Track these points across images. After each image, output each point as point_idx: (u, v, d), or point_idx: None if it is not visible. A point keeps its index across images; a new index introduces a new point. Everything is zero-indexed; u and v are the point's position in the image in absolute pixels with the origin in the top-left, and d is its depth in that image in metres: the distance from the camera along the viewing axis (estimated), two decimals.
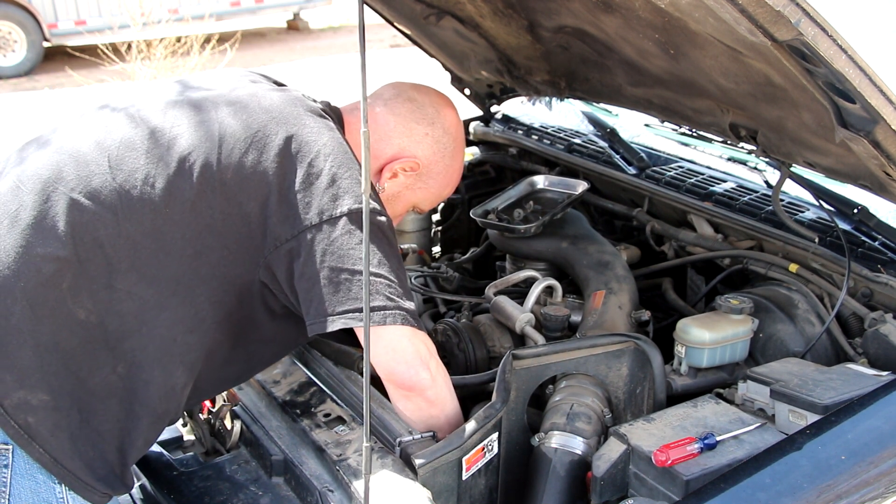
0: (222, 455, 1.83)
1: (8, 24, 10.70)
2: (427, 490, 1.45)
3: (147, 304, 1.50)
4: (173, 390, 1.56)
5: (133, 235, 1.49)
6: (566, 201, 2.44)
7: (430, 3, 2.45)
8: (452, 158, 1.83)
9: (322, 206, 1.48)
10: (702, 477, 1.46)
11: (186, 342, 1.54)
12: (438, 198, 1.89)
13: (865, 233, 2.09)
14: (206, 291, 1.53)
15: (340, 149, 1.55)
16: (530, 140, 3.01)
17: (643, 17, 1.76)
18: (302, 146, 1.53)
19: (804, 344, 1.97)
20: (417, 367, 1.53)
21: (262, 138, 1.53)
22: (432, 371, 1.57)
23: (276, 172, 1.50)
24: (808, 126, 1.79)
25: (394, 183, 1.77)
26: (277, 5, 13.19)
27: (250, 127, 1.55)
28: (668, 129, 2.85)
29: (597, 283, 2.15)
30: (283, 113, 1.58)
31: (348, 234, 1.47)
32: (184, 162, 1.51)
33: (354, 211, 1.48)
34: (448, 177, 1.85)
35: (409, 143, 1.76)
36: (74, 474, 1.50)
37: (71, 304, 1.47)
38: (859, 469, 1.48)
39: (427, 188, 1.83)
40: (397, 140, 1.75)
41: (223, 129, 1.55)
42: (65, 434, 1.49)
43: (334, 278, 1.46)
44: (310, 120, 1.58)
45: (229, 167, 1.51)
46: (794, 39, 1.39)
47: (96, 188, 1.50)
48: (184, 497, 1.70)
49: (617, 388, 1.86)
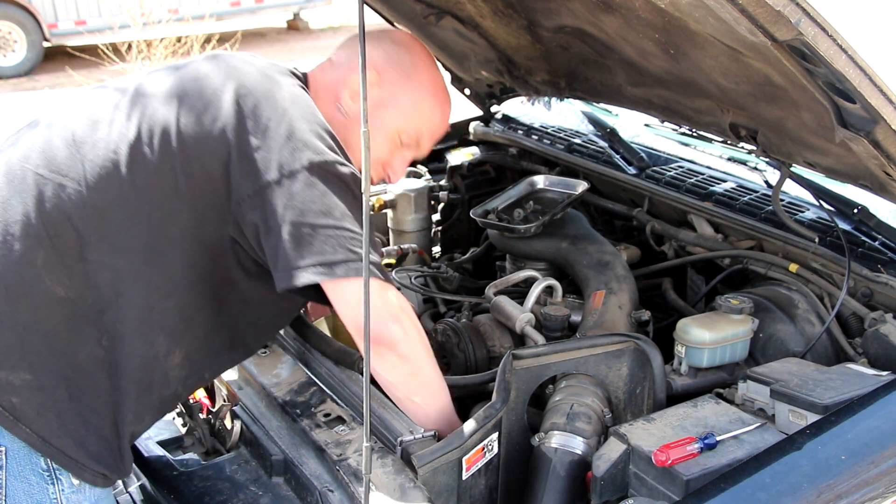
0: (222, 455, 1.83)
1: (8, 24, 10.70)
2: (427, 490, 1.45)
3: (120, 273, 1.49)
4: (156, 359, 1.55)
5: (100, 205, 1.49)
6: (566, 201, 2.44)
7: (430, 3, 2.45)
8: (414, 67, 1.73)
9: (281, 160, 1.46)
10: (702, 477, 1.46)
11: (164, 308, 1.53)
12: (420, 118, 1.74)
13: (865, 233, 2.09)
14: (178, 255, 1.52)
15: (299, 102, 1.53)
16: (530, 140, 3.01)
17: (643, 17, 1.76)
18: (259, 101, 1.51)
19: (804, 344, 1.97)
20: (386, 320, 1.49)
21: (219, 96, 1.52)
22: (404, 325, 1.52)
23: (235, 129, 1.49)
24: (808, 126, 1.79)
25: (357, 104, 1.69)
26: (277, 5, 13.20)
27: (208, 87, 1.54)
28: (668, 129, 2.85)
29: (597, 283, 2.15)
30: (241, 70, 1.57)
31: (309, 187, 1.45)
32: (144, 127, 1.52)
33: (315, 164, 1.46)
34: (418, 89, 1.73)
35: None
36: (64, 452, 1.50)
37: (48, 282, 1.47)
38: (859, 469, 1.48)
39: (398, 104, 1.72)
40: (347, 65, 1.72)
41: (182, 91, 1.55)
42: (51, 413, 1.48)
43: (296, 232, 1.44)
44: (268, 75, 1.57)
45: (188, 127, 1.51)
46: (794, 39, 1.39)
47: (60, 162, 1.51)
48: (184, 497, 1.70)
49: (617, 388, 1.86)
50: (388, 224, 2.81)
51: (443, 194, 2.93)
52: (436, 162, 3.24)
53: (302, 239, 1.44)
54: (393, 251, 2.65)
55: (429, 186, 2.84)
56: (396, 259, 2.66)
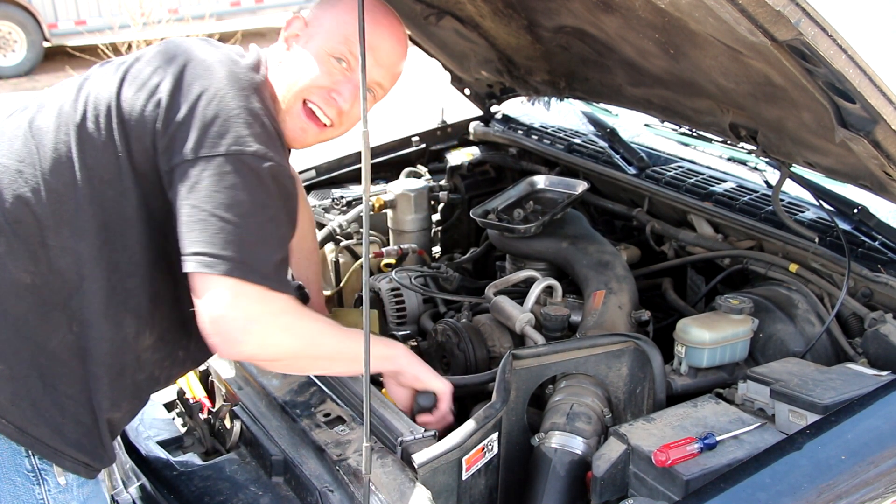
0: (222, 455, 1.82)
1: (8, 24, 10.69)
2: (427, 490, 1.45)
3: (82, 256, 1.49)
4: (125, 342, 1.55)
5: (56, 189, 1.48)
6: (566, 201, 2.44)
7: (430, 3, 2.45)
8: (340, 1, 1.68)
9: (200, 141, 1.43)
10: (702, 477, 1.46)
11: (127, 289, 1.53)
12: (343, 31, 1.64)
13: (865, 233, 2.09)
14: (134, 233, 1.52)
15: (238, 84, 1.49)
16: (530, 140, 3.01)
17: (643, 17, 1.76)
18: (196, 78, 1.48)
19: (804, 344, 1.97)
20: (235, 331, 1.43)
21: (161, 74, 1.51)
22: (254, 337, 1.44)
23: (166, 102, 1.47)
24: (808, 126, 1.79)
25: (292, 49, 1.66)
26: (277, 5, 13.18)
27: (151, 64, 1.54)
28: (668, 129, 2.86)
29: (597, 283, 2.15)
30: (188, 50, 1.55)
31: (220, 175, 1.41)
32: (90, 107, 1.51)
33: (233, 153, 1.42)
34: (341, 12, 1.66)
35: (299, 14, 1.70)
36: (42, 441, 1.50)
37: (13, 269, 1.46)
38: (859, 469, 1.48)
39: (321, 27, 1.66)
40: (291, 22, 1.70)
41: (128, 70, 1.55)
42: (26, 402, 1.48)
43: (193, 217, 1.41)
44: (213, 57, 1.54)
45: (127, 102, 1.50)
46: (794, 39, 1.39)
47: (17, 149, 1.51)
48: (184, 497, 1.70)
49: (617, 388, 1.86)
50: (388, 224, 2.81)
51: (443, 194, 2.93)
52: (436, 162, 3.24)
53: (196, 225, 1.41)
54: (393, 251, 2.65)
55: (429, 186, 2.83)
56: (396, 259, 2.66)
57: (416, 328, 2.40)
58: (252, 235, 1.42)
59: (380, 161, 3.15)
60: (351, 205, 2.83)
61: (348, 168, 3.06)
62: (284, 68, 1.65)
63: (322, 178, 2.97)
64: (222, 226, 1.40)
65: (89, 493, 1.60)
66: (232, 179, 1.41)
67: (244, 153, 1.42)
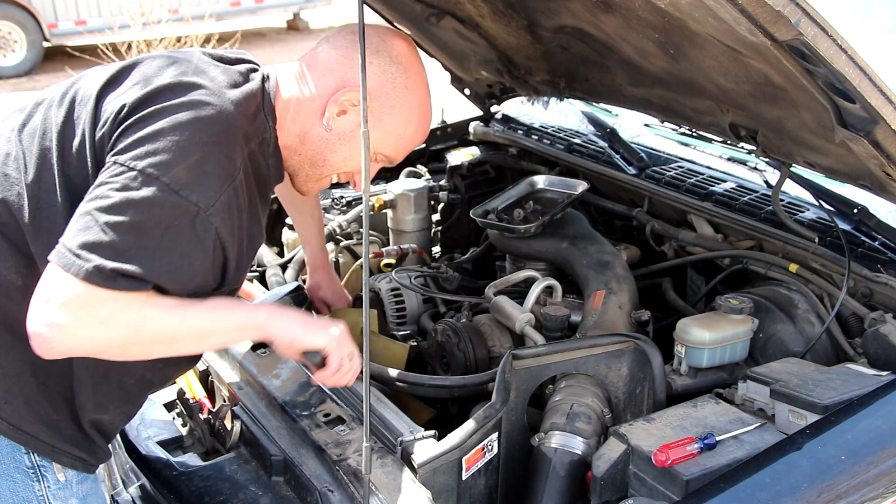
0: (222, 455, 1.83)
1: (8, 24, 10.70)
2: (427, 490, 1.45)
3: None
4: None
5: (36, 194, 1.47)
6: (566, 201, 2.44)
7: (430, 3, 2.45)
8: (406, 91, 1.63)
9: (128, 150, 1.39)
10: (702, 477, 1.46)
11: None
12: (401, 140, 1.68)
13: (865, 233, 2.09)
14: None
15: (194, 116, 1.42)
16: (530, 140, 3.01)
17: (643, 17, 1.76)
18: (163, 96, 1.44)
19: (804, 344, 1.97)
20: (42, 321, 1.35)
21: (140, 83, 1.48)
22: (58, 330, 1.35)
23: (127, 109, 1.44)
24: (808, 126, 1.79)
25: (343, 120, 1.61)
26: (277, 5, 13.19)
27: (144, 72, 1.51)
28: (668, 129, 2.86)
29: (597, 283, 2.15)
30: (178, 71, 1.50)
31: (123, 187, 1.37)
32: (74, 110, 1.50)
33: (146, 174, 1.36)
34: (406, 113, 1.65)
35: (352, 75, 1.60)
36: (38, 438, 1.50)
37: (3, 271, 1.46)
38: (859, 469, 1.48)
39: (383, 127, 1.64)
40: (339, 72, 1.60)
41: (114, 75, 1.52)
42: (20, 400, 1.49)
43: (82, 207, 1.38)
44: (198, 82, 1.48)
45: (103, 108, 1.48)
46: (794, 39, 1.39)
47: (5, 151, 1.51)
48: (184, 497, 1.70)
49: (617, 388, 1.86)
50: (388, 224, 2.81)
51: (443, 194, 2.93)
52: (436, 162, 3.24)
53: (81, 217, 1.37)
54: (393, 251, 2.65)
55: (429, 186, 2.84)
56: (396, 259, 2.66)
57: (416, 328, 2.40)
58: (112, 245, 1.35)
59: None
60: (351, 205, 2.83)
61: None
62: (330, 139, 1.61)
63: None
64: (90, 226, 1.35)
65: (88, 489, 1.60)
66: (129, 195, 1.36)
67: (158, 179, 1.37)
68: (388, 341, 2.19)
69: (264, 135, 1.55)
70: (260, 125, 1.54)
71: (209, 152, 1.41)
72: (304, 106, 1.60)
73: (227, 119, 1.45)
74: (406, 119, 1.65)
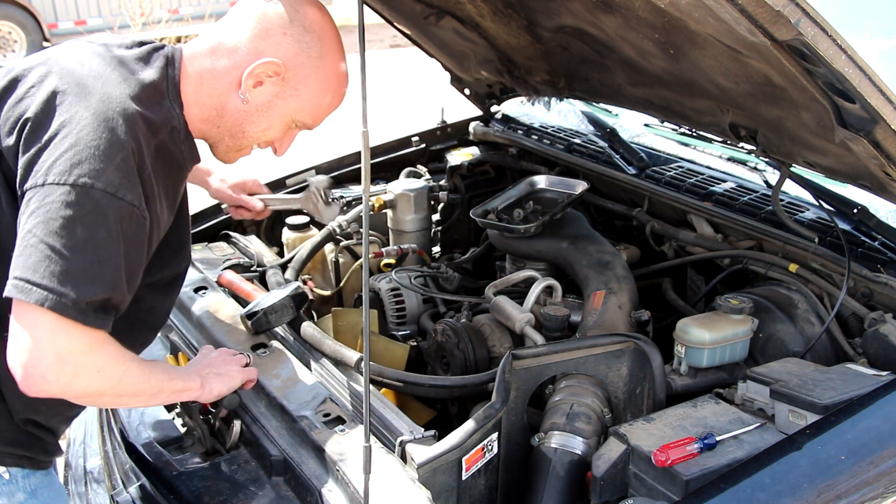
0: (222, 455, 1.82)
1: (8, 24, 10.70)
2: (427, 490, 1.45)
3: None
4: None
5: None
6: (566, 201, 2.44)
7: (430, 3, 2.45)
8: (321, 59, 1.64)
9: (51, 168, 1.38)
10: (701, 477, 1.46)
11: None
12: (318, 108, 1.69)
13: (865, 233, 2.09)
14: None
15: (100, 117, 1.42)
16: (530, 140, 3.01)
17: (643, 17, 1.76)
18: (63, 104, 1.43)
19: (804, 344, 1.97)
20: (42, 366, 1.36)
21: (34, 92, 1.46)
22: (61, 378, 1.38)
23: (31, 127, 1.43)
24: (808, 126, 1.79)
25: (259, 92, 1.62)
26: None
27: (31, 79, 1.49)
28: (668, 129, 2.86)
29: (597, 283, 2.15)
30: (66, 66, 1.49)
31: (61, 204, 1.35)
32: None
33: (80, 185, 1.36)
34: (322, 81, 1.65)
35: (266, 46, 1.60)
36: None
37: None
38: (859, 469, 1.48)
39: (299, 96, 1.65)
40: (252, 45, 1.60)
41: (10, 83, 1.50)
42: None
43: (26, 241, 1.36)
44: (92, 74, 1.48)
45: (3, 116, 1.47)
46: (794, 39, 1.39)
47: None
48: (184, 497, 1.70)
49: (617, 388, 1.86)
50: (388, 224, 2.81)
51: (443, 194, 2.93)
52: (436, 162, 3.24)
53: (25, 251, 1.36)
54: (393, 251, 2.65)
55: (429, 186, 2.84)
56: (396, 259, 2.66)
57: (416, 328, 2.40)
58: (78, 269, 1.35)
59: (380, 161, 3.15)
60: (351, 205, 2.83)
61: (348, 168, 3.05)
62: (248, 110, 1.62)
63: None
64: (49, 255, 1.34)
65: (38, 482, 1.59)
66: (72, 211, 1.35)
67: (93, 187, 1.37)
68: (388, 342, 2.19)
69: (172, 122, 1.55)
70: (166, 113, 1.54)
71: (127, 150, 1.42)
72: (218, 80, 1.60)
73: (131, 118, 1.45)
74: (323, 87, 1.66)
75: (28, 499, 1.57)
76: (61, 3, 10.99)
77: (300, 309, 2.07)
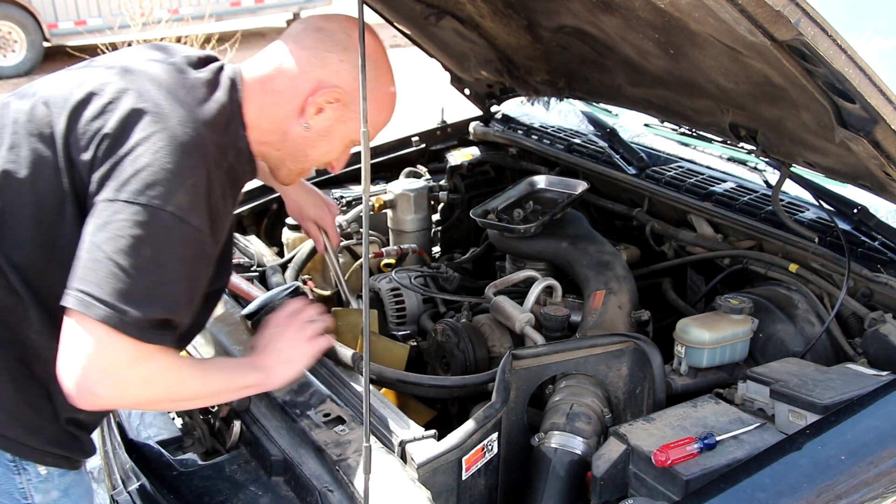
0: (222, 455, 1.82)
1: (8, 24, 10.70)
2: (427, 490, 1.45)
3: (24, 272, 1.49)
4: None
5: (7, 213, 1.48)
6: (566, 201, 2.44)
7: (430, 3, 2.45)
8: (377, 82, 1.68)
9: (125, 186, 1.40)
10: (701, 477, 1.46)
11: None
12: (375, 127, 1.74)
13: (865, 233, 2.09)
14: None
15: (175, 140, 1.44)
16: (530, 140, 3.01)
17: (643, 17, 1.76)
18: (140, 122, 1.45)
19: (804, 344, 1.97)
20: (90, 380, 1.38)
21: (113, 108, 1.48)
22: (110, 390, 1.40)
23: (109, 143, 1.44)
24: (808, 126, 1.79)
25: (321, 118, 1.65)
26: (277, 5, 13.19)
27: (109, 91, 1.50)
28: (668, 129, 2.86)
29: (597, 283, 2.15)
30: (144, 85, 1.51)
31: (131, 223, 1.38)
32: (42, 131, 1.50)
33: (150, 206, 1.39)
34: (378, 102, 1.70)
35: (326, 74, 1.64)
36: (19, 442, 1.52)
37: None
38: (859, 469, 1.48)
39: (358, 118, 1.67)
40: (313, 73, 1.63)
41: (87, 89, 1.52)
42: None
43: (92, 254, 1.38)
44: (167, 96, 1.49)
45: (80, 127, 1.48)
46: (794, 39, 1.39)
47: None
48: (184, 497, 1.70)
49: (617, 388, 1.86)
50: (388, 224, 2.81)
51: (443, 194, 2.93)
52: (436, 162, 3.24)
53: (90, 264, 1.38)
54: (393, 251, 2.65)
55: (429, 186, 2.84)
56: (396, 259, 2.66)
57: (416, 328, 2.40)
58: (141, 289, 1.38)
59: (380, 161, 3.15)
60: (351, 205, 2.83)
61: (348, 168, 3.05)
62: (310, 136, 1.66)
63: (322, 178, 2.97)
64: (115, 272, 1.36)
65: (71, 481, 1.61)
66: (141, 231, 1.38)
67: (163, 209, 1.39)
68: (388, 342, 2.19)
69: (238, 145, 1.58)
70: (232, 136, 1.57)
71: (198, 176, 1.45)
72: (279, 107, 1.62)
73: (204, 143, 1.47)
74: (378, 107, 1.70)
75: (61, 497, 1.59)
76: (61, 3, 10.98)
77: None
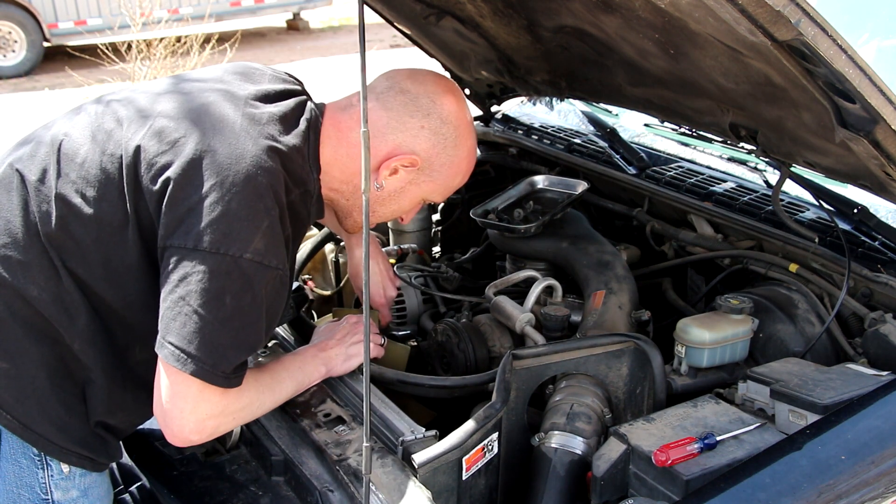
0: (222, 455, 1.83)
1: (8, 24, 10.72)
2: (427, 490, 1.45)
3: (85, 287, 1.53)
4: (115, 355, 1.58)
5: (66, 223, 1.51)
6: (566, 201, 2.44)
7: (430, 3, 2.45)
8: (456, 147, 1.70)
9: (202, 235, 1.42)
10: (702, 477, 1.46)
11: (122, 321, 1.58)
12: (448, 189, 1.78)
13: (865, 233, 2.09)
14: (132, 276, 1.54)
15: (249, 186, 1.45)
16: (530, 140, 3.01)
17: (643, 17, 1.76)
18: (212, 167, 1.45)
19: (804, 344, 1.97)
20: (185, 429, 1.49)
21: (181, 146, 1.49)
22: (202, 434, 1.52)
23: (176, 186, 1.45)
24: (808, 126, 1.79)
25: (394, 180, 1.68)
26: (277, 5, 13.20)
27: (178, 128, 1.51)
28: (668, 129, 2.86)
29: (597, 283, 2.15)
30: (215, 126, 1.51)
31: (212, 275, 1.41)
32: (113, 153, 1.52)
33: (231, 256, 1.41)
34: (454, 167, 1.73)
35: (404, 139, 1.65)
36: (47, 438, 1.53)
37: (22, 279, 1.50)
38: (859, 469, 1.48)
39: (432, 181, 1.73)
40: (392, 136, 1.65)
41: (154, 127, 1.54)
42: (31, 400, 1.52)
43: (178, 308, 1.42)
44: (240, 137, 1.49)
45: (145, 161, 1.50)
46: (794, 39, 1.39)
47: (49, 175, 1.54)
48: (184, 497, 1.70)
49: (617, 388, 1.86)
50: (388, 224, 2.81)
51: None
52: None
53: (179, 318, 1.42)
54: (393, 251, 2.65)
55: None
56: (396, 259, 2.65)
57: (416, 328, 2.40)
58: (227, 339, 1.44)
59: None
60: None
61: None
62: (381, 195, 1.70)
63: None
64: (202, 326, 1.42)
65: (91, 482, 1.62)
66: (223, 282, 1.42)
67: (242, 257, 1.42)
68: (388, 342, 2.19)
69: (307, 186, 1.59)
70: (303, 176, 1.58)
71: (272, 217, 1.47)
72: (354, 160, 1.65)
73: (276, 182, 1.49)
74: (455, 171, 1.75)
75: (80, 497, 1.61)
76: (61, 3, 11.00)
77: (300, 309, 2.07)
